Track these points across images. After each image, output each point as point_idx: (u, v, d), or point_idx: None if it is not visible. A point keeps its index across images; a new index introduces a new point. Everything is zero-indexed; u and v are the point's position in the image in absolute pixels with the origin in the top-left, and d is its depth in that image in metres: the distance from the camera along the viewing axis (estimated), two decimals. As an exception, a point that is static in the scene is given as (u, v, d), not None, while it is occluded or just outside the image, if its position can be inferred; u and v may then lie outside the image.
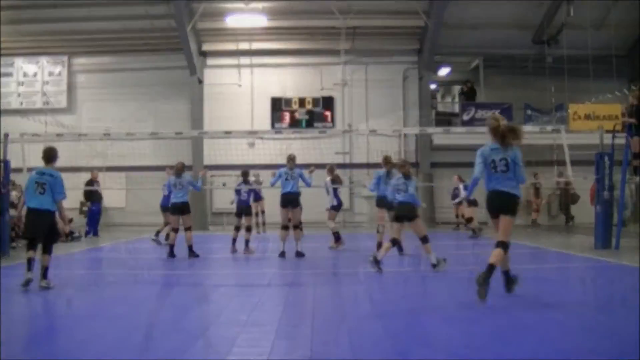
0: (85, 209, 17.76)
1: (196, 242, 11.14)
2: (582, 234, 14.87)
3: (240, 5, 19.22)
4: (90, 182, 16.69)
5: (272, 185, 11.50)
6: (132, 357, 4.22)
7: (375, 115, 20.07)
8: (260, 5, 19.37)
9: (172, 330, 5.01)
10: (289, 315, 5.69)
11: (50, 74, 21.09)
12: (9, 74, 20.99)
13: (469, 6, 19.30)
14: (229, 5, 19.47)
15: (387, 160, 10.87)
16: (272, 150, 18.48)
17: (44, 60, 21.11)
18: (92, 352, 4.37)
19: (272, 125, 19.92)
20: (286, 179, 10.85)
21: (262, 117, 20.17)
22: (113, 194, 19.46)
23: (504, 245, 5.98)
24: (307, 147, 18.12)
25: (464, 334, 4.77)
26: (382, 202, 10.60)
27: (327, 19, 19.74)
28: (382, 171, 10.84)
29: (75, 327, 5.31)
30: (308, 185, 11.26)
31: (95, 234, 16.75)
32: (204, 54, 20.92)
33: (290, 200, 10.85)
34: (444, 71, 21.29)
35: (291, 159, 11.02)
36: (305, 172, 11.32)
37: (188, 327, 5.17)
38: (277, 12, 19.73)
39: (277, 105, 20.25)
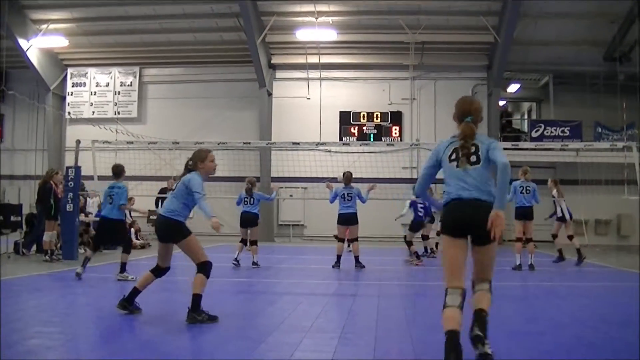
0: (153, 217, 17.76)
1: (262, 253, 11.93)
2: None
3: (310, 19, 19.30)
4: (164, 191, 16.78)
5: (331, 202, 11.31)
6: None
7: (443, 131, 19.90)
8: (330, 19, 19.47)
9: (236, 336, 5.03)
10: (353, 323, 5.67)
11: (122, 84, 21.55)
12: (82, 84, 21.54)
13: (539, 22, 19.04)
14: (298, 19, 19.59)
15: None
16: (340, 163, 18.47)
17: (116, 70, 21.58)
18: (156, 352, 4.54)
19: (340, 139, 19.91)
20: (343, 198, 10.96)
21: (330, 131, 20.23)
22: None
23: None
24: (375, 161, 18.09)
25: (526, 350, 4.64)
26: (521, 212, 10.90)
27: (396, 34, 19.79)
28: (519, 182, 10.93)
29: (136, 328, 5.41)
30: (363, 202, 11.22)
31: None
32: (273, 67, 21.07)
33: (347, 219, 11.00)
34: (513, 88, 21.05)
35: (347, 177, 11.07)
36: (363, 191, 11.26)
37: (251, 333, 5.18)
38: (346, 27, 19.83)
39: (345, 119, 20.31)
